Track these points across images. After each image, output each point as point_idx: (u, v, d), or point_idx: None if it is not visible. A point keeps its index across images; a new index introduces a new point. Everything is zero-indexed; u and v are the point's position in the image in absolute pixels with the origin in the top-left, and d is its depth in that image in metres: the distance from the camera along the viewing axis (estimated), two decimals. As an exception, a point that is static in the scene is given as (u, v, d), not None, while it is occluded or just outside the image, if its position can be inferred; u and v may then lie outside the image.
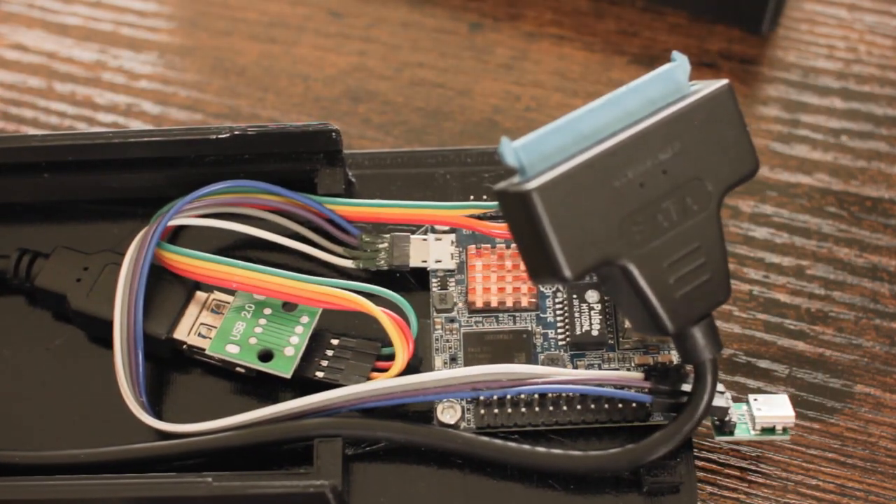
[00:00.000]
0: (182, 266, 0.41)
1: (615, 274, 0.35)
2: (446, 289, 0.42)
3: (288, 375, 0.39)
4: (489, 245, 0.42)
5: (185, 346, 0.40)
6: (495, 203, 0.40)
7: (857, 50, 0.52)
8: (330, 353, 0.40)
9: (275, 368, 0.39)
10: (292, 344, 0.40)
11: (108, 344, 0.39)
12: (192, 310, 0.41)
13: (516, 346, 0.40)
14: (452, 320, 0.41)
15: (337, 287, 0.39)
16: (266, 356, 0.39)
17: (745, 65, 0.52)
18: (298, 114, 0.51)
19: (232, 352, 0.40)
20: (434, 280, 0.42)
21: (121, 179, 0.43)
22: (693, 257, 0.35)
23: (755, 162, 0.36)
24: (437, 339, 0.41)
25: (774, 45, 0.53)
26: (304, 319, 0.40)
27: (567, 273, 0.33)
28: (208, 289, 0.41)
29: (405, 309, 0.40)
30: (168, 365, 0.41)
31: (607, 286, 0.37)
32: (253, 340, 0.40)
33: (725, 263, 0.36)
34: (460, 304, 0.41)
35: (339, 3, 0.54)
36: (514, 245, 0.41)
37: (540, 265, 0.34)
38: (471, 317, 0.41)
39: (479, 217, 0.41)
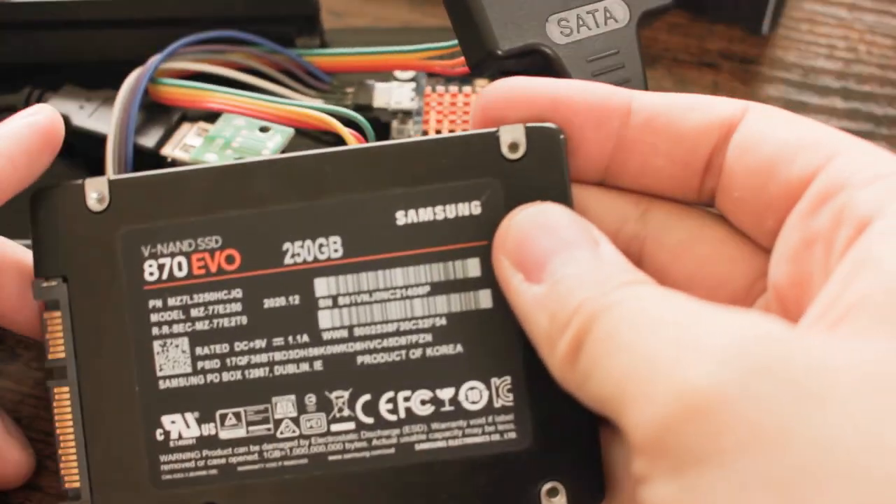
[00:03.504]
0: (171, 95, 0.45)
1: (540, 64, 0.37)
2: (405, 125, 0.46)
3: None
4: (444, 88, 0.47)
5: (169, 161, 0.44)
6: (452, 42, 0.42)
7: (857, 50, 0.52)
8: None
9: None
10: (264, 155, 0.43)
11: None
12: (178, 134, 0.45)
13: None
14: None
15: (307, 108, 0.44)
16: (240, 163, 0.43)
17: (745, 65, 0.52)
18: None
19: (209, 159, 0.43)
20: (394, 120, 0.46)
21: (112, 39, 0.48)
22: (612, 58, 0.37)
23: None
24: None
25: (774, 44, 0.53)
26: (277, 138, 0.44)
27: (500, 45, 0.36)
28: (195, 120, 0.46)
29: (366, 129, 0.43)
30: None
31: None
32: (229, 152, 0.44)
33: (644, 75, 0.38)
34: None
35: (339, 3, 0.54)
36: (465, 87, 0.47)
37: (476, 43, 0.36)
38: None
39: (438, 58, 0.45)
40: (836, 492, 0.23)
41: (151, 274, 0.35)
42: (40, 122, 0.37)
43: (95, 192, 0.35)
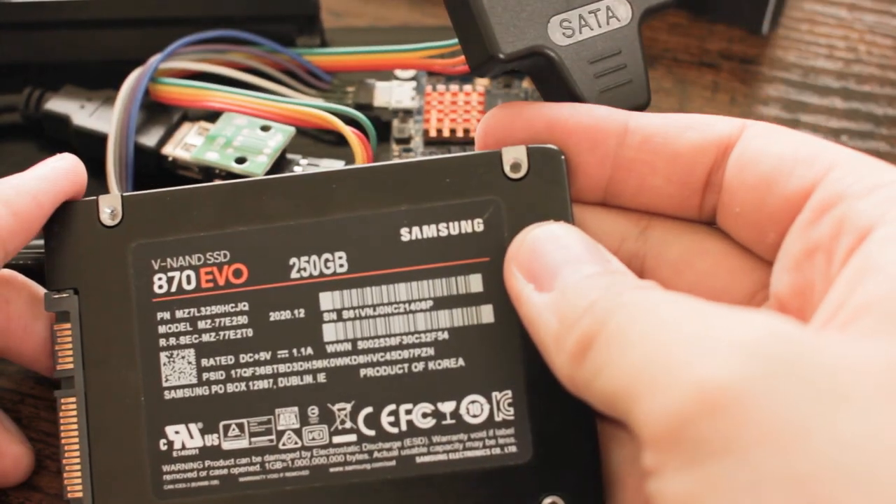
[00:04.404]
0: (172, 95, 0.45)
1: (543, 66, 0.37)
2: (406, 123, 0.47)
3: (260, 174, 0.43)
4: (444, 87, 0.47)
5: (170, 160, 0.45)
6: (453, 40, 0.43)
7: (857, 50, 0.53)
8: (299, 168, 0.45)
9: (249, 170, 0.43)
10: (266, 153, 0.44)
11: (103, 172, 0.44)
12: (178, 134, 0.46)
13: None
14: (408, 150, 0.47)
15: (309, 106, 0.44)
16: (241, 161, 0.44)
17: (745, 65, 0.53)
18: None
19: (211, 158, 0.44)
20: (395, 119, 0.47)
21: (112, 39, 0.48)
22: (614, 59, 0.37)
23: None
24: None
25: (774, 44, 0.53)
26: (279, 137, 0.44)
27: (502, 49, 0.36)
28: (195, 120, 0.46)
29: (367, 127, 0.44)
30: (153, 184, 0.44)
31: (537, 82, 0.39)
32: (230, 151, 0.44)
33: (646, 75, 0.38)
34: (417, 139, 0.47)
35: (339, 3, 0.55)
36: (466, 86, 0.47)
37: (477, 46, 0.36)
38: (426, 148, 0.46)
39: (438, 56, 0.45)
40: (853, 492, 0.24)
41: (160, 287, 0.36)
42: (64, 166, 0.38)
43: (109, 207, 0.36)
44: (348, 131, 0.43)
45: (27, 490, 0.41)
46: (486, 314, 0.35)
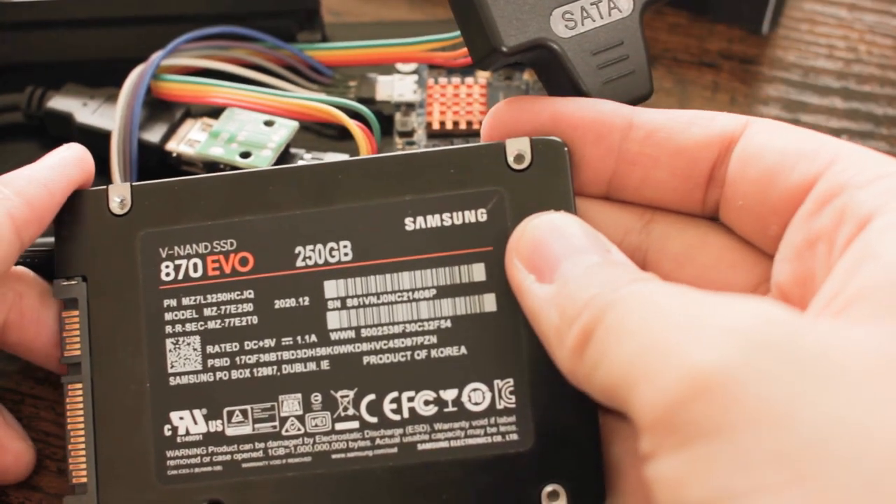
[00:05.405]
0: (174, 91, 0.46)
1: (546, 58, 0.37)
2: (408, 117, 0.48)
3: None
4: (446, 80, 0.48)
5: (174, 155, 0.46)
6: (454, 33, 0.44)
7: (857, 50, 0.53)
8: (303, 163, 0.45)
9: (253, 165, 0.44)
10: (270, 148, 0.44)
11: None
12: (181, 130, 0.46)
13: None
14: (412, 143, 0.47)
15: (312, 100, 0.45)
16: (246, 156, 0.44)
17: (745, 65, 0.53)
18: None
19: (215, 153, 0.44)
20: (397, 112, 0.48)
21: (113, 37, 0.49)
22: (616, 50, 0.38)
23: None
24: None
25: (774, 44, 0.54)
26: (282, 132, 0.45)
27: (505, 42, 0.36)
28: (198, 116, 0.47)
29: (371, 121, 0.45)
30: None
31: (540, 74, 0.40)
32: (234, 146, 0.45)
33: (648, 65, 0.38)
34: (420, 132, 0.47)
35: (339, 3, 0.55)
36: (468, 79, 0.48)
37: (480, 39, 0.37)
38: (429, 141, 0.47)
39: (439, 49, 0.46)
40: (837, 470, 0.25)
41: (168, 274, 0.36)
42: (72, 155, 0.39)
43: (118, 196, 0.37)
44: (352, 124, 0.44)
45: (27, 490, 0.42)
46: (489, 303, 0.35)
